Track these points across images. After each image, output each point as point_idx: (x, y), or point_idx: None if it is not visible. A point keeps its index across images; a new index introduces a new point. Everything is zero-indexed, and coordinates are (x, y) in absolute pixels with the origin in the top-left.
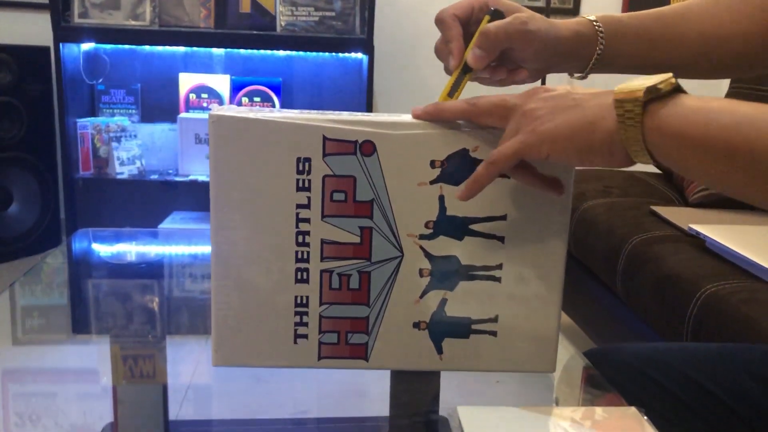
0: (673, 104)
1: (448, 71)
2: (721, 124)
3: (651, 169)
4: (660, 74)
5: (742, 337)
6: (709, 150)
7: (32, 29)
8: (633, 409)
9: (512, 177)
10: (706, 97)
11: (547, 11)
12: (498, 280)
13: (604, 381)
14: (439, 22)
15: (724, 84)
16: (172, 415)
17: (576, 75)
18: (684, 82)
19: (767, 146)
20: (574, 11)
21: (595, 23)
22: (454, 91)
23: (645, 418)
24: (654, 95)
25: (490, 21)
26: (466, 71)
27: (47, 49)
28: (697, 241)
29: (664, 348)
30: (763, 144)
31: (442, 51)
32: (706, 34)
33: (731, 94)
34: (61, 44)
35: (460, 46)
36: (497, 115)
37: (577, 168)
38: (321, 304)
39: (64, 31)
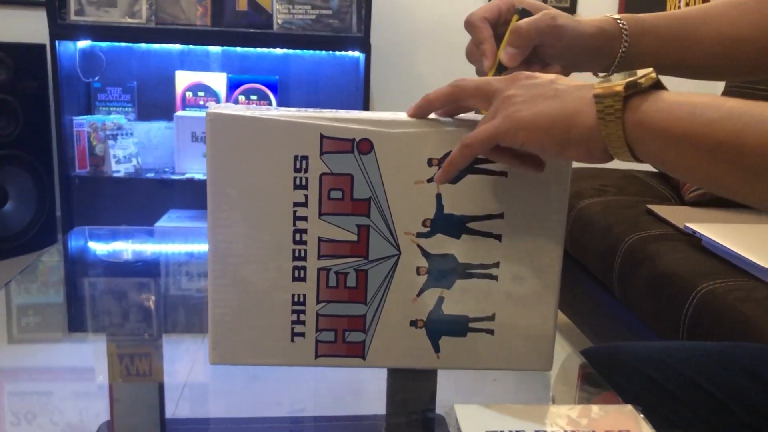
0: (654, 99)
1: (480, 73)
2: (706, 119)
3: (647, 167)
4: (641, 70)
5: (738, 336)
6: (693, 145)
7: (28, 27)
8: (629, 407)
9: (489, 157)
10: (688, 93)
11: None
12: (495, 278)
13: (601, 379)
14: (469, 25)
15: (720, 84)
16: (169, 413)
17: (600, 75)
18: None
19: (755, 140)
20: (571, 10)
21: (619, 21)
22: None
23: (641, 416)
24: (634, 90)
25: (518, 20)
26: (500, 70)
27: (43, 46)
28: (694, 239)
29: (660, 346)
30: (750, 138)
31: (473, 54)
32: (724, 36)
33: (727, 93)
34: (57, 42)
35: (492, 46)
36: (480, 97)
37: (573, 166)
38: (318, 302)
39: (61, 29)
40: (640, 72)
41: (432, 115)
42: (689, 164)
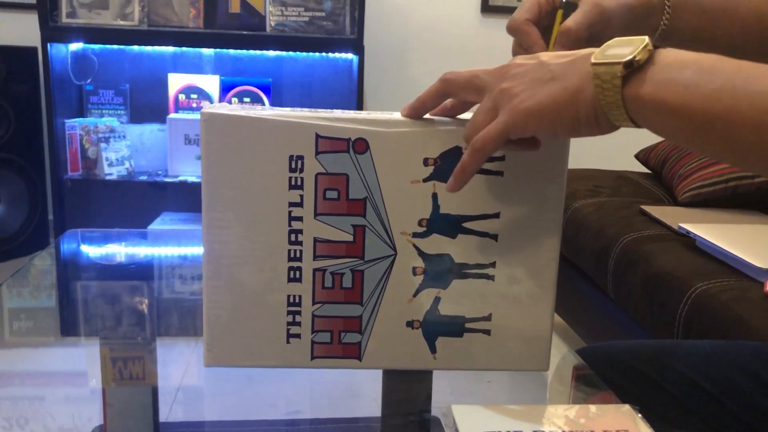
0: (652, 71)
1: None
2: (700, 93)
3: (641, 168)
4: (632, 38)
5: (732, 335)
6: (689, 118)
7: (19, 29)
8: (626, 406)
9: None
10: (688, 54)
11: None
12: (491, 278)
13: (597, 379)
14: (514, 30)
15: None
16: (163, 417)
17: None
18: None
19: (747, 116)
20: None
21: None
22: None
23: (639, 415)
24: (632, 69)
25: (563, 14)
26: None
27: (35, 49)
28: (687, 239)
29: (656, 345)
30: (743, 113)
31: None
32: (761, 12)
33: None
34: (48, 44)
35: (542, 49)
36: (471, 90)
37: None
38: (314, 303)
39: (52, 31)
40: (636, 43)
41: (427, 115)
42: (686, 136)
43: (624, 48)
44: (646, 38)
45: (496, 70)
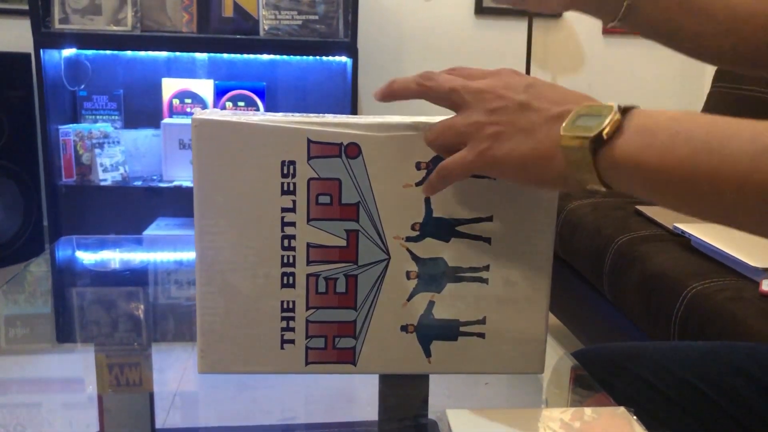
0: (622, 141)
1: None
2: (676, 157)
3: None
4: (601, 105)
5: (727, 335)
6: (665, 183)
7: (12, 35)
8: (622, 408)
9: None
10: (658, 116)
11: (530, 14)
12: (485, 281)
13: (593, 381)
14: None
15: (706, 85)
16: (159, 423)
17: (609, 24)
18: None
19: (725, 179)
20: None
21: None
22: None
23: (634, 417)
24: (600, 144)
25: None
26: None
27: (28, 55)
28: (683, 239)
29: (651, 347)
30: (725, 175)
31: None
32: (736, 12)
33: (713, 93)
34: (41, 50)
35: None
36: (449, 102)
37: None
38: (308, 308)
39: (45, 37)
40: (604, 116)
41: (422, 119)
42: (667, 200)
43: (592, 119)
44: (614, 106)
45: (477, 91)
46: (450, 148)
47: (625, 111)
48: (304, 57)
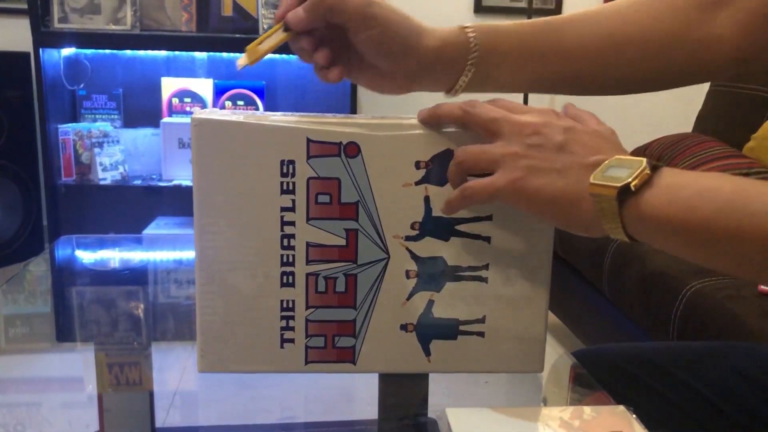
0: (650, 195)
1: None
2: (702, 216)
3: None
4: (632, 159)
5: (727, 334)
6: (690, 239)
7: (11, 35)
8: (621, 407)
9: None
10: (687, 175)
11: (529, 12)
12: (485, 280)
13: (592, 380)
14: None
15: (705, 84)
16: (159, 422)
17: (446, 94)
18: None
19: (753, 236)
20: (556, 11)
21: (468, 30)
22: (262, 41)
23: (634, 416)
24: (627, 195)
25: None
26: (286, 29)
27: (27, 54)
28: None
29: (650, 347)
30: (749, 234)
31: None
32: (601, 36)
33: (712, 92)
34: (41, 49)
35: (293, 2)
36: (489, 131)
37: None
38: (307, 307)
39: (44, 37)
40: (634, 167)
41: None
42: (691, 255)
43: (622, 170)
44: (644, 161)
45: (518, 123)
46: (477, 172)
47: (654, 168)
48: None
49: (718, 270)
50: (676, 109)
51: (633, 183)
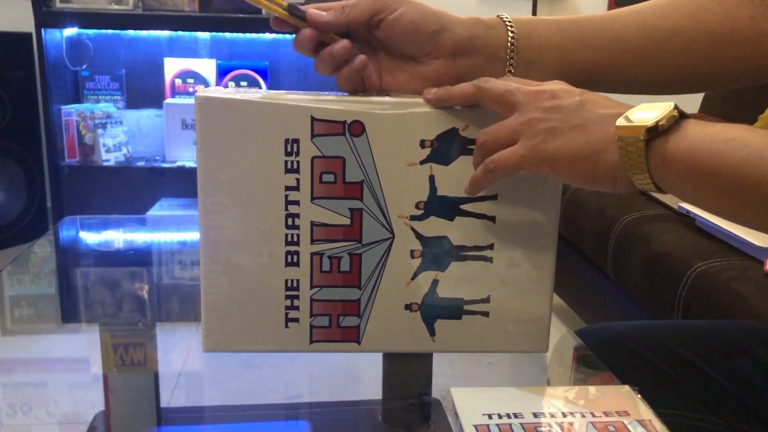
0: (677, 138)
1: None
2: (728, 162)
3: None
4: (660, 103)
5: (732, 315)
6: (717, 187)
7: (13, 15)
8: (626, 387)
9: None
10: (714, 125)
11: (534, 3)
12: (489, 260)
13: (597, 360)
14: None
15: None
16: (164, 402)
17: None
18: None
19: None
20: (561, 3)
21: (503, 17)
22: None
23: (639, 396)
24: (655, 134)
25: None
26: (293, 14)
27: (29, 35)
28: (687, 219)
29: (655, 326)
30: None
31: None
32: (649, 26)
33: None
34: (43, 30)
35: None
36: (502, 105)
37: None
38: (312, 287)
39: (46, 17)
40: (662, 109)
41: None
42: (715, 204)
43: (649, 112)
44: (672, 104)
45: (533, 91)
46: (500, 149)
47: (682, 114)
48: None
49: (747, 225)
50: None
51: (661, 123)
